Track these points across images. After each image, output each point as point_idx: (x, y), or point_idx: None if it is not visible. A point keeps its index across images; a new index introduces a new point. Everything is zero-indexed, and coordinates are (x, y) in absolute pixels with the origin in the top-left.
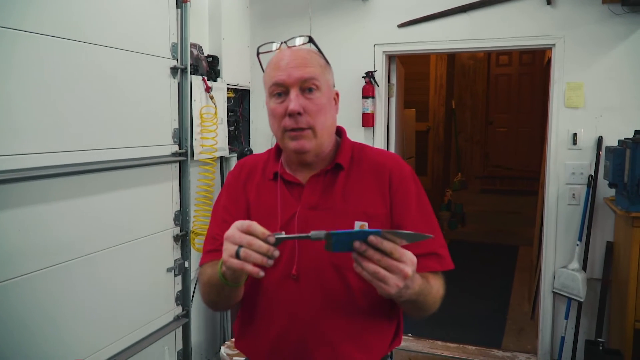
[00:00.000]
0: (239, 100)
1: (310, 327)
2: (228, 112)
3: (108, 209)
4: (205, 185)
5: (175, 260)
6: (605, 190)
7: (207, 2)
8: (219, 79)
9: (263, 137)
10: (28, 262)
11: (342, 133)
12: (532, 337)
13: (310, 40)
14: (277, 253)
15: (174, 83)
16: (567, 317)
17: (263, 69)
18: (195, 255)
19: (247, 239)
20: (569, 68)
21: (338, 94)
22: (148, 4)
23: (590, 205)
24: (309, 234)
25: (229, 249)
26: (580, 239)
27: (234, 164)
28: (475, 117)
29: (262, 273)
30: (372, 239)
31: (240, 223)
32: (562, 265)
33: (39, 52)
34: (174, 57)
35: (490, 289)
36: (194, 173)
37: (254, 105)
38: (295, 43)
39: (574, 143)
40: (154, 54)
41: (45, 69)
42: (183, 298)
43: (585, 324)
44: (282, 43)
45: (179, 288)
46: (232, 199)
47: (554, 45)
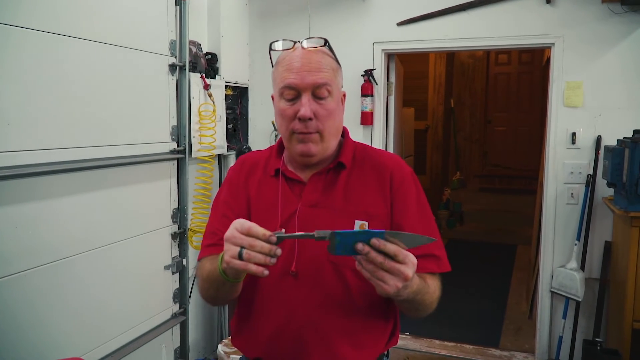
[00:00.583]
0: (238, 98)
1: (308, 324)
2: (226, 109)
3: (105, 207)
4: (204, 183)
5: (173, 258)
6: (604, 190)
7: None
8: (218, 77)
9: (261, 134)
10: (25, 259)
11: (345, 133)
12: (529, 336)
13: (326, 43)
14: (279, 251)
15: (173, 80)
16: (565, 316)
17: (273, 64)
18: (193, 253)
19: (248, 241)
20: (568, 67)
21: (345, 95)
22: (147, 2)
23: (589, 205)
24: (313, 234)
25: (231, 250)
26: (579, 239)
27: (232, 162)
28: (474, 115)
29: (266, 272)
30: (374, 242)
31: (240, 224)
32: (560, 265)
33: (37, 49)
34: (173, 54)
35: (488, 288)
36: (192, 171)
37: (253, 103)
38: (310, 44)
39: (573, 142)
40: (153, 51)
41: (43, 66)
42: (180, 296)
43: (583, 324)
44: (295, 42)
45: (177, 286)
46: (232, 194)
47: (553, 44)
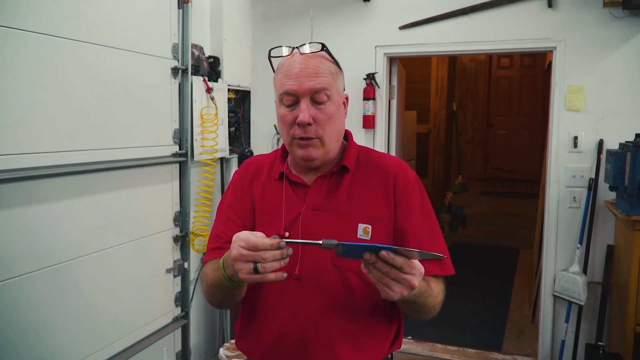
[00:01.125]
0: (240, 101)
1: (311, 327)
2: (229, 112)
3: (107, 210)
4: (206, 186)
5: (175, 261)
6: (606, 194)
7: (208, 2)
8: (220, 80)
9: (264, 138)
10: (24, 263)
11: (348, 136)
12: (532, 340)
13: (324, 48)
14: (290, 251)
15: (175, 84)
16: (567, 320)
17: (274, 70)
18: (195, 256)
19: (260, 255)
20: (570, 71)
21: (347, 98)
22: (149, 5)
23: (591, 209)
24: (320, 242)
25: (245, 268)
26: (581, 242)
27: (235, 165)
28: (476, 119)
29: (284, 274)
30: (383, 254)
31: (245, 242)
32: (562, 269)
33: (37, 51)
34: (175, 57)
35: (491, 292)
36: (194, 174)
37: (255, 106)
38: (307, 50)
39: (575, 146)
40: (155, 55)
41: (44, 69)
42: (182, 299)
43: (586, 328)
44: (294, 48)
45: (178, 289)
46: (237, 198)
47: (555, 48)
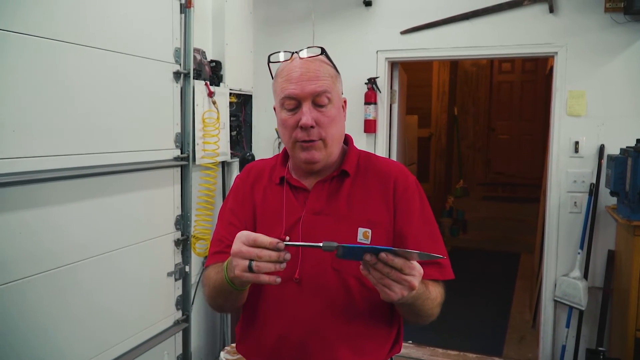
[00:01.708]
0: (242, 105)
1: (311, 330)
2: (230, 117)
3: (108, 213)
4: (207, 190)
5: (176, 265)
6: (607, 199)
7: (210, 7)
8: (222, 84)
9: (265, 142)
10: (27, 266)
11: (349, 141)
12: (533, 345)
13: (323, 52)
14: (288, 256)
15: (177, 88)
16: (568, 325)
17: (272, 76)
18: (196, 260)
19: (255, 252)
20: (571, 76)
21: (346, 101)
22: (152, 9)
23: (592, 214)
24: (321, 244)
25: (240, 265)
26: (582, 247)
27: (236, 169)
28: (478, 124)
29: (278, 279)
30: (383, 256)
31: (245, 237)
32: (563, 274)
33: (39, 56)
34: (177, 61)
35: (492, 297)
36: (196, 178)
37: (257, 110)
38: (307, 54)
39: (576, 151)
40: (157, 59)
41: (45, 73)
42: (183, 303)
43: (587, 333)
44: (293, 53)
45: (179, 292)
46: (238, 202)
47: (557, 53)
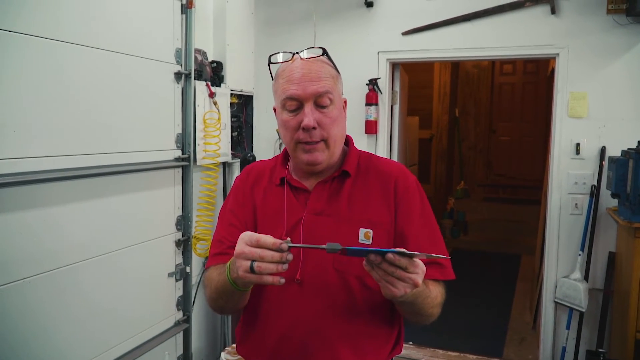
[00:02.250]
0: (243, 106)
1: (312, 331)
2: (231, 117)
3: (109, 214)
4: (208, 191)
5: (177, 265)
6: (608, 201)
7: (211, 7)
8: (223, 85)
9: (266, 142)
10: (27, 266)
11: (349, 141)
12: (533, 347)
13: (324, 53)
14: (290, 257)
15: (178, 88)
16: (568, 327)
17: (273, 77)
18: (197, 261)
19: (258, 253)
20: (573, 78)
21: (346, 102)
22: (153, 10)
23: (593, 215)
24: (325, 246)
25: (243, 266)
26: (583, 249)
27: (237, 170)
28: (479, 125)
29: (282, 280)
30: (389, 256)
31: (248, 237)
32: (564, 275)
33: (40, 56)
34: (178, 62)
35: (492, 298)
36: (197, 178)
37: (258, 111)
38: (307, 55)
39: (577, 153)
40: (158, 59)
41: (46, 73)
42: (184, 303)
43: (587, 334)
44: (294, 54)
45: (180, 293)
46: (239, 203)
47: (558, 55)
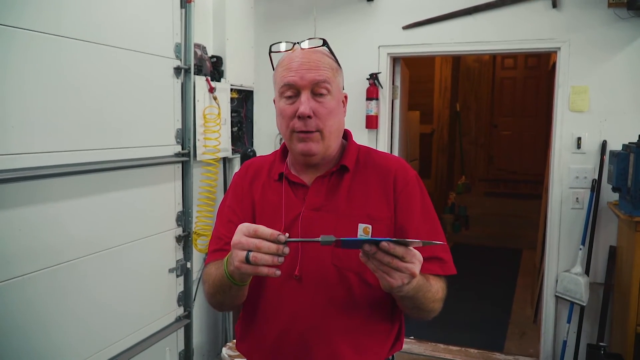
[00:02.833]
0: (243, 101)
1: (311, 327)
2: (231, 112)
3: (109, 210)
4: (208, 186)
5: (178, 261)
6: (609, 195)
7: (211, 2)
8: (223, 80)
9: (266, 137)
10: (27, 262)
11: (348, 136)
12: (534, 340)
13: (325, 44)
14: (287, 250)
15: (178, 83)
16: (569, 321)
17: (274, 67)
18: (198, 256)
19: (254, 243)
20: (574, 72)
21: (346, 97)
22: (152, 4)
23: (594, 210)
24: (319, 239)
25: (239, 256)
26: (584, 243)
27: (237, 165)
28: (480, 120)
29: (278, 272)
30: (384, 245)
31: (246, 228)
32: (565, 269)
33: (40, 51)
34: (178, 57)
35: (493, 292)
36: (197, 174)
37: (258, 106)
38: (308, 45)
39: (578, 147)
40: (158, 54)
41: (47, 69)
42: (185, 299)
43: (588, 328)
44: (295, 44)
45: (181, 289)
46: (237, 199)
47: (559, 49)
